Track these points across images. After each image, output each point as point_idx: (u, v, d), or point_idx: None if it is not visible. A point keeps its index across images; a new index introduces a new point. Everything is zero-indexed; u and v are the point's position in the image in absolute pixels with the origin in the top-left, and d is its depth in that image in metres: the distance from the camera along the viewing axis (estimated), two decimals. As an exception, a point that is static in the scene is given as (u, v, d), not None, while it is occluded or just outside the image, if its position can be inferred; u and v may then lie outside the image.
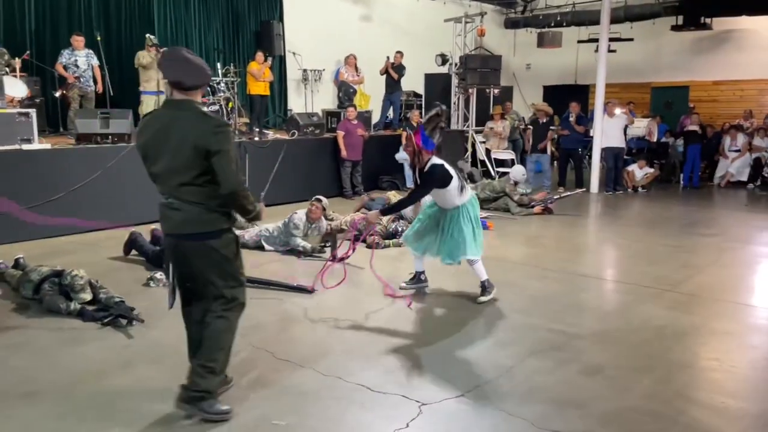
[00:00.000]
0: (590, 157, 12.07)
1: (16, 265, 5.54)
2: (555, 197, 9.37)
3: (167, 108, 3.13)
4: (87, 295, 4.76)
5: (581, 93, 15.73)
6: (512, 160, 11.66)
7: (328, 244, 6.63)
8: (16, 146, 6.98)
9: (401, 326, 4.60)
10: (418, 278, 5.51)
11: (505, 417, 3.25)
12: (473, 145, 12.14)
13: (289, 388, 3.56)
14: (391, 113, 12.79)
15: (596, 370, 3.85)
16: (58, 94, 8.89)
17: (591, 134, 11.75)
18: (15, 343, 4.18)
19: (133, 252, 6.34)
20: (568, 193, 9.74)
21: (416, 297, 5.30)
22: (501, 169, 11.59)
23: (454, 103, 12.10)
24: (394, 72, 12.24)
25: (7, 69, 8.15)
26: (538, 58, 17.29)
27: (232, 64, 10.67)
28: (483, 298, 5.15)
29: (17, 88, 7.97)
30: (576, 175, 11.67)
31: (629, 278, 5.94)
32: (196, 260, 3.10)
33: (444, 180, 4.87)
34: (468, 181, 8.98)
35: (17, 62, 8.43)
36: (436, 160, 4.88)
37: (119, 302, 4.64)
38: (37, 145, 7.21)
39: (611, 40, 12.13)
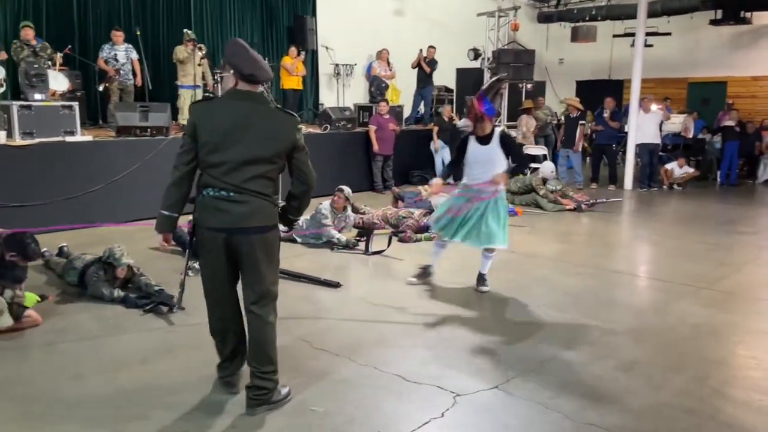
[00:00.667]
0: (624, 153, 11.92)
1: (60, 253, 5.73)
2: (592, 201, 9.25)
3: (239, 99, 3.04)
4: (129, 260, 4.93)
5: (615, 88, 15.51)
6: (544, 155, 11.58)
7: (363, 238, 6.70)
8: (60, 138, 7.19)
9: (434, 319, 4.64)
10: (426, 271, 5.47)
11: (541, 409, 3.27)
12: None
13: (326, 377, 3.63)
14: (422, 108, 12.80)
15: (631, 365, 3.85)
16: (101, 88, 9.11)
17: (625, 130, 11.60)
18: (61, 328, 4.34)
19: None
20: (607, 200, 9.54)
21: (451, 291, 5.33)
22: (533, 165, 11.53)
23: (486, 98, 12.07)
24: (426, 66, 12.24)
25: (50, 63, 8.37)
26: (571, 53, 17.10)
27: (266, 59, 10.76)
28: (485, 288, 5.26)
29: (59, 81, 8.19)
30: (609, 171, 11.54)
31: (664, 275, 5.88)
32: (255, 253, 3.04)
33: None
34: None
35: (59, 57, 8.66)
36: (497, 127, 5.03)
37: (159, 290, 4.78)
38: (79, 137, 7.42)
39: (648, 34, 11.95)
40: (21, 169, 6.81)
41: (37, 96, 7.14)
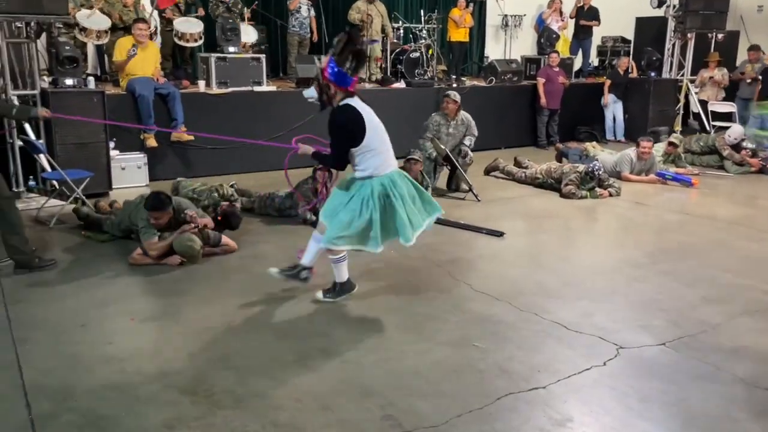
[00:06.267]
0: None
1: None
2: None
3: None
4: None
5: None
6: (733, 113, 10.54)
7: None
8: (249, 87, 7.91)
9: (599, 273, 4.58)
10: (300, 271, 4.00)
11: (712, 369, 3.17)
12: (686, 96, 11.17)
13: (486, 317, 3.78)
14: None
15: (820, 338, 3.55)
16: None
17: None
18: (252, 254, 4.88)
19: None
20: None
21: (618, 248, 5.19)
22: (717, 123, 10.56)
23: (668, 50, 11.15)
24: (584, 18, 11.62)
25: (239, 18, 9.12)
26: (773, -1, 15.10)
27: (436, 11, 10.86)
28: (326, 297, 3.92)
29: (249, 34, 8.92)
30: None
31: None
32: None
33: (353, 131, 3.52)
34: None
35: (247, 12, 9.40)
36: (351, 100, 3.54)
37: None
38: (265, 87, 8.09)
39: None
40: (215, 115, 7.59)
41: (231, 48, 7.87)
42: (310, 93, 3.57)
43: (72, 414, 2.74)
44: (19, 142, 6.00)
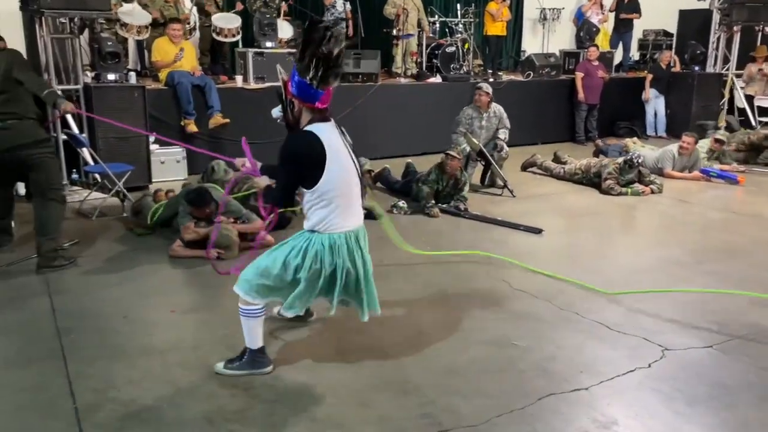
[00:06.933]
0: None
1: None
2: None
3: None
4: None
5: None
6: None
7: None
8: (286, 82, 7.92)
9: (639, 271, 4.47)
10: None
11: (763, 374, 3.06)
12: (731, 91, 10.84)
13: (525, 316, 3.72)
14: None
15: None
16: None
17: None
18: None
19: (379, 184, 6.91)
20: None
21: (661, 248, 5.07)
22: (763, 119, 10.24)
23: (713, 43, 10.83)
24: (624, 11, 11.36)
25: (276, 13, 9.16)
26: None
27: (473, 4, 10.74)
28: (228, 369, 3.00)
29: (285, 30, 8.95)
30: None
31: None
32: None
33: (305, 165, 2.70)
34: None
35: (284, 6, 9.43)
36: (319, 126, 2.72)
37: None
38: (301, 81, 8.09)
39: None
40: (251, 109, 7.63)
41: (268, 44, 7.90)
42: (276, 112, 2.77)
43: (114, 404, 2.77)
44: (63, 137, 6.13)
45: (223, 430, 2.60)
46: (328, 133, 2.71)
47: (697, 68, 10.46)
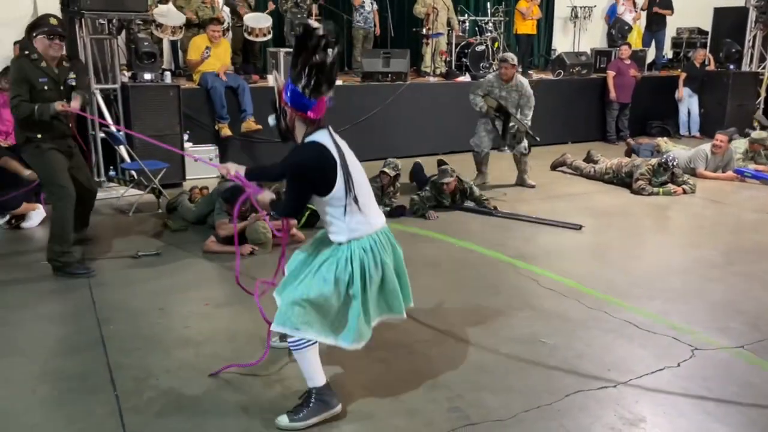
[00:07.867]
0: None
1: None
2: None
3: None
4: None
5: None
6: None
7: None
8: (316, 82, 8.01)
9: (670, 271, 4.44)
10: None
11: (794, 375, 3.04)
12: (767, 90, 10.63)
13: (554, 314, 3.74)
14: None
15: None
16: None
17: None
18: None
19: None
20: None
21: (694, 247, 5.02)
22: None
23: (749, 41, 10.63)
24: (657, 5, 11.19)
25: (307, 13, 9.26)
26: None
27: (503, 3, 10.71)
28: (294, 424, 2.64)
29: (315, 30, 9.04)
30: None
31: None
32: None
33: (315, 175, 2.55)
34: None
35: (315, 7, 9.53)
36: (319, 135, 2.59)
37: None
38: (331, 81, 8.18)
39: None
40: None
41: (299, 43, 7.98)
42: (272, 121, 2.69)
43: (153, 391, 2.88)
44: (101, 134, 6.31)
45: (257, 419, 2.69)
46: (330, 139, 2.60)
47: (732, 67, 10.27)
